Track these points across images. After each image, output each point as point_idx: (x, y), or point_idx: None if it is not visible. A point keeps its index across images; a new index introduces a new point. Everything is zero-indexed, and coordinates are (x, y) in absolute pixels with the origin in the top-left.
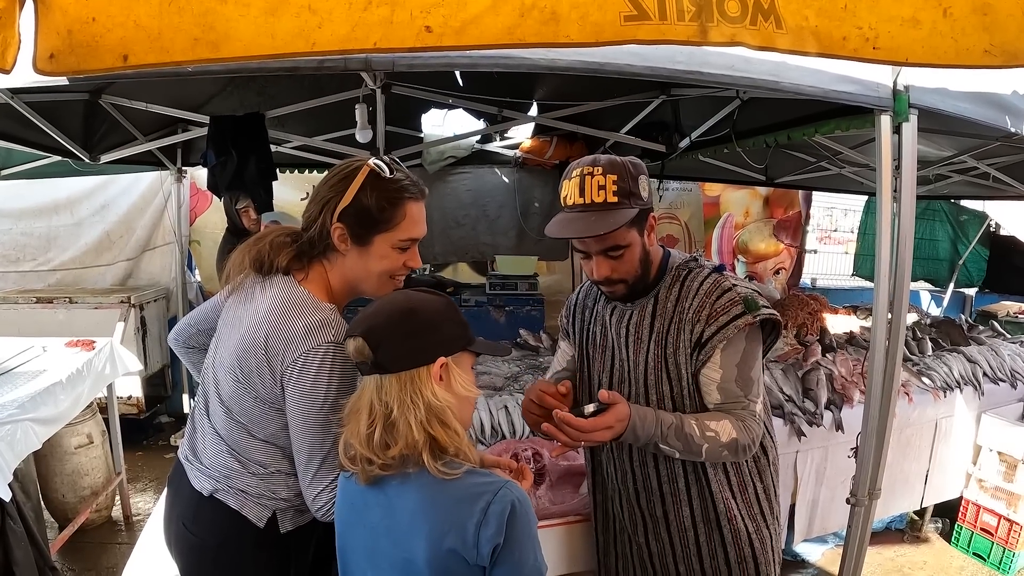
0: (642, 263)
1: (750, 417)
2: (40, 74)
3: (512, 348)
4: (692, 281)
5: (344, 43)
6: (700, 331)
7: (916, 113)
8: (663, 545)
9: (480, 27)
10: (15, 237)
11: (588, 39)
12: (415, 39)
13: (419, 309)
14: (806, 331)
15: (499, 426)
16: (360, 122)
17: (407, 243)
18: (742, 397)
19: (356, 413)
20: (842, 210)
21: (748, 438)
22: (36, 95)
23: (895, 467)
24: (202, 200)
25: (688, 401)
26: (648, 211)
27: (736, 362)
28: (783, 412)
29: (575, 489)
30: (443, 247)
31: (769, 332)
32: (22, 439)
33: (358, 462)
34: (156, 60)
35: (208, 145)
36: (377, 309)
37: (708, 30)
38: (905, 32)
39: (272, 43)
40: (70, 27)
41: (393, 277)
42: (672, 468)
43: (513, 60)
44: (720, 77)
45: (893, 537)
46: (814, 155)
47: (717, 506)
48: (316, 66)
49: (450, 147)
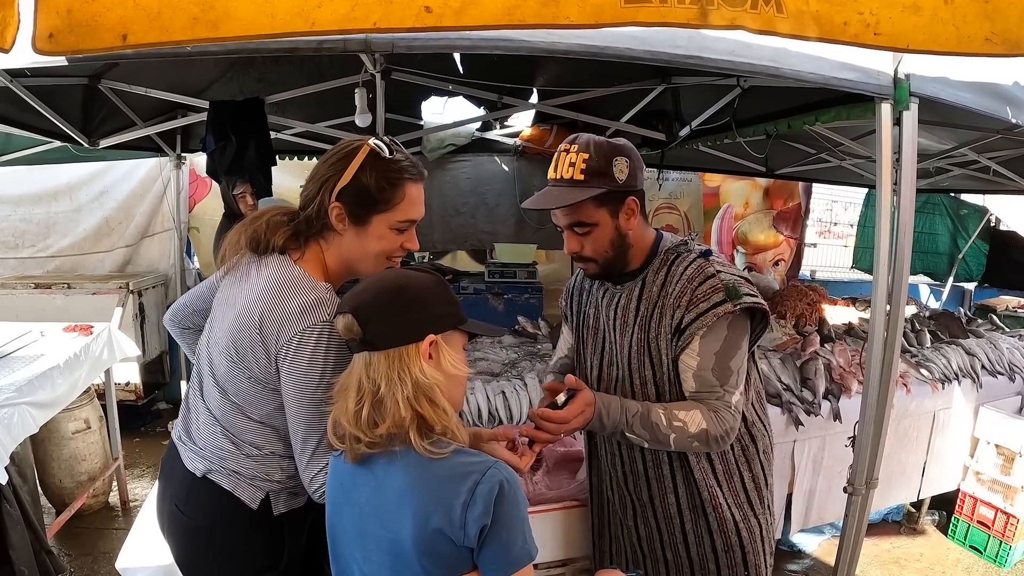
0: (614, 244)
1: (724, 408)
2: (39, 54)
3: (506, 332)
4: (678, 266)
5: (343, 23)
6: (680, 317)
7: (916, 102)
8: (651, 530)
9: (480, 8)
10: (14, 223)
11: (588, 21)
12: (415, 19)
13: (408, 286)
14: (804, 321)
15: (496, 411)
16: (360, 106)
17: (405, 224)
18: (717, 387)
19: (345, 391)
20: (842, 204)
21: (720, 429)
22: (35, 79)
23: (892, 458)
24: (201, 187)
25: (669, 387)
26: (624, 194)
27: (715, 350)
28: (781, 401)
29: (572, 475)
30: (442, 235)
31: (759, 321)
32: (19, 423)
33: (346, 440)
34: (155, 39)
35: (208, 130)
36: (367, 286)
37: (708, 13)
38: (906, 18)
39: (271, 22)
40: (69, 6)
41: (390, 259)
42: (657, 454)
43: (512, 42)
44: (720, 62)
45: (890, 529)
46: (814, 146)
47: (702, 493)
48: (316, 47)
49: (450, 135)
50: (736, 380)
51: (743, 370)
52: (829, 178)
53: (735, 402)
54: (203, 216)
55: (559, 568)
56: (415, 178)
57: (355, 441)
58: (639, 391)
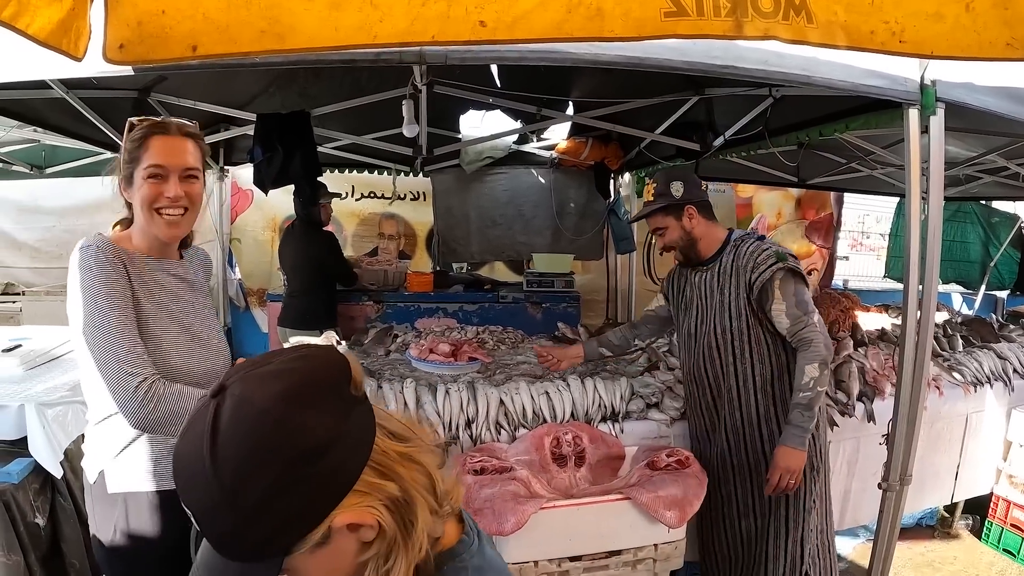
0: (682, 239)
1: (809, 331)
2: (109, 63)
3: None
4: (744, 247)
5: (404, 36)
6: (748, 277)
7: (943, 107)
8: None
9: (530, 22)
10: (58, 234)
11: (631, 34)
12: (471, 32)
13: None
14: (838, 327)
15: (540, 411)
16: (407, 117)
17: (154, 169)
18: (801, 316)
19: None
20: (874, 217)
21: (820, 352)
22: (88, 91)
23: (925, 460)
24: (243, 199)
25: (738, 333)
26: (682, 205)
27: (792, 292)
28: None
29: (613, 473)
30: (480, 246)
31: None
32: (73, 420)
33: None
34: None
35: (255, 141)
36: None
37: (743, 25)
38: (930, 26)
39: (336, 35)
40: (140, 18)
41: (159, 211)
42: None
43: (558, 54)
44: (755, 72)
45: (923, 533)
46: (845, 156)
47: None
48: (373, 58)
49: (487, 147)
50: (811, 307)
51: (811, 300)
52: (860, 187)
53: (816, 320)
54: (244, 228)
55: (603, 559)
56: (159, 133)
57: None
58: (720, 338)
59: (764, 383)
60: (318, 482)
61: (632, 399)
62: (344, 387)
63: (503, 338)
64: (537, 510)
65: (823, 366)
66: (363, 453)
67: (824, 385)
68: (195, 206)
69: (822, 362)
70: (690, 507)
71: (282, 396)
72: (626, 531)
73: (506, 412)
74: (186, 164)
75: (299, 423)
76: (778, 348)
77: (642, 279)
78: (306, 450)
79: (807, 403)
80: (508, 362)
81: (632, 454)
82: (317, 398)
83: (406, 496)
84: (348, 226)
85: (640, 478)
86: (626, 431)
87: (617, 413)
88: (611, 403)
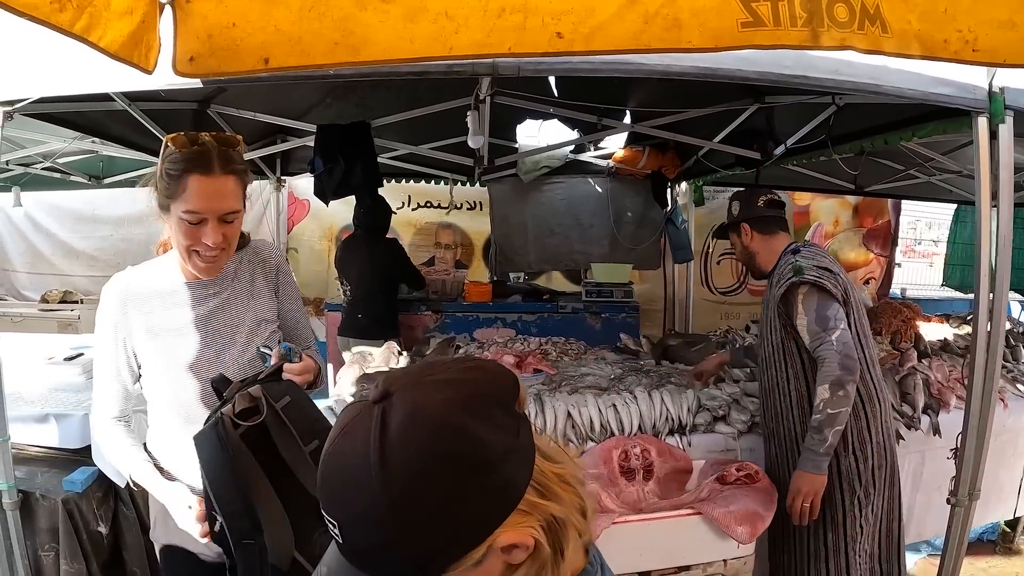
0: (743, 254)
1: (826, 350)
2: (180, 76)
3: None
4: (783, 258)
5: (480, 48)
6: (775, 291)
7: (1012, 115)
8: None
9: (608, 33)
10: (115, 243)
11: (708, 44)
12: (547, 44)
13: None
14: (900, 338)
15: (608, 423)
16: (472, 128)
17: (190, 216)
18: (820, 332)
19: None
20: (926, 223)
21: (835, 370)
22: (149, 103)
23: (989, 474)
24: (299, 209)
25: (773, 336)
26: (737, 223)
27: (813, 307)
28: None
29: (680, 487)
30: (537, 255)
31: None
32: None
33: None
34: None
35: (316, 152)
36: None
37: (820, 35)
38: (1002, 34)
39: (411, 47)
40: (210, 31)
41: (198, 253)
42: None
43: (632, 66)
44: (826, 81)
45: (985, 548)
46: (903, 163)
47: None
48: (445, 70)
49: (544, 157)
50: (834, 323)
51: (839, 316)
52: (918, 194)
53: (835, 338)
54: (301, 237)
55: (673, 574)
56: (199, 172)
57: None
58: (768, 352)
59: (800, 399)
60: (492, 496)
61: (700, 412)
62: (512, 403)
63: (566, 349)
64: (609, 525)
65: (836, 387)
66: (528, 470)
67: (838, 407)
68: (233, 243)
69: (834, 382)
70: (762, 522)
71: (460, 405)
72: (696, 546)
73: (573, 424)
74: (226, 209)
75: (478, 434)
76: (812, 364)
77: (700, 288)
78: (483, 462)
79: (817, 425)
80: (572, 374)
81: (700, 467)
82: (491, 410)
83: (563, 518)
84: (405, 236)
85: (711, 492)
86: (693, 444)
87: (684, 426)
88: (678, 416)
